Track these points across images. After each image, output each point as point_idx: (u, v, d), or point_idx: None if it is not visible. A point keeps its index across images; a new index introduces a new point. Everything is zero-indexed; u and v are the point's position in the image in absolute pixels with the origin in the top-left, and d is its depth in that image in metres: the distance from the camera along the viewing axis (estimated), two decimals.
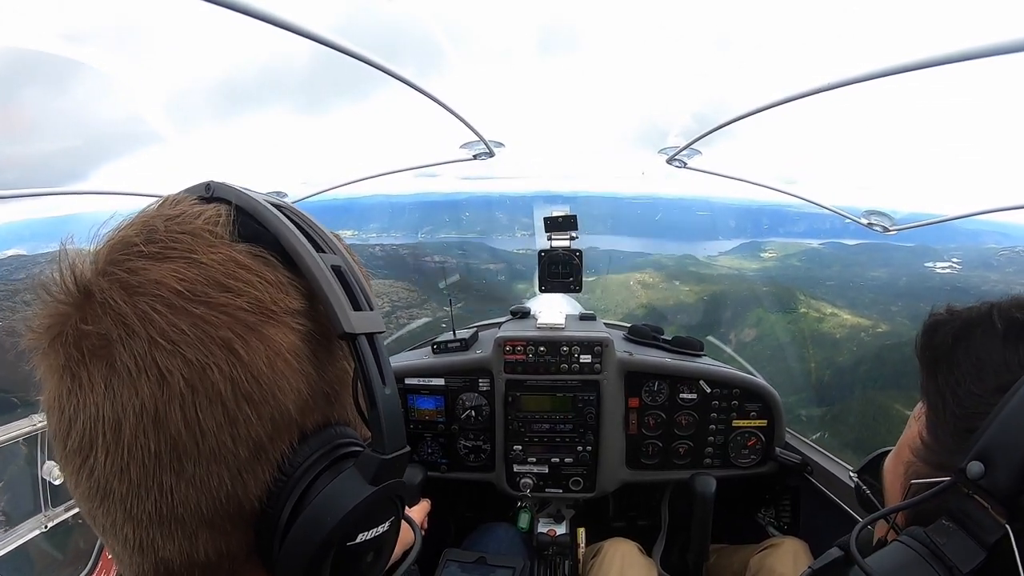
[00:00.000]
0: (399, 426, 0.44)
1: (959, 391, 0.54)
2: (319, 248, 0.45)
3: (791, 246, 10.52)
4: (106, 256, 0.40)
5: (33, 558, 1.85)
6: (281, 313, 0.41)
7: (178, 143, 1.77)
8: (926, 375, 0.58)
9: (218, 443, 0.38)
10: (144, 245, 0.39)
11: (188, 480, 0.38)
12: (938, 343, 0.58)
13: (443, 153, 2.33)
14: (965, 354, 0.55)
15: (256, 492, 0.41)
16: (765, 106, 1.63)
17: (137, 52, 1.38)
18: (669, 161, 2.26)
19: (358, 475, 0.42)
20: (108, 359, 0.37)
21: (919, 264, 7.95)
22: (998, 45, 1.05)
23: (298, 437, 0.42)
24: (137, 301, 0.37)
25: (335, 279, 0.43)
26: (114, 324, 0.37)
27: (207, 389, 0.37)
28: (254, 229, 0.43)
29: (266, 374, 0.39)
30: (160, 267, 0.38)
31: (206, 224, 0.41)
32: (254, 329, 0.39)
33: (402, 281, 9.25)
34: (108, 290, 0.38)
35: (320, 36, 1.19)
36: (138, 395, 0.37)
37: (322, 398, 0.44)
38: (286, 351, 0.41)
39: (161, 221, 0.41)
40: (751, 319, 8.82)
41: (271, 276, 0.41)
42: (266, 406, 0.39)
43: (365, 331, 0.43)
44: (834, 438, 5.35)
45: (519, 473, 1.97)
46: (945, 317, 0.59)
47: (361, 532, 0.43)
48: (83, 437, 0.38)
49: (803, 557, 1.67)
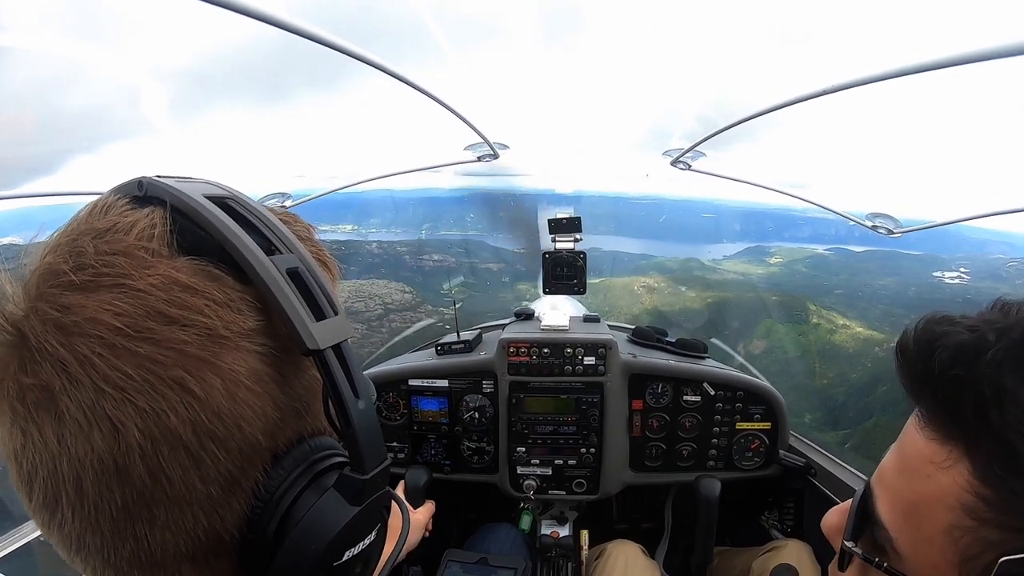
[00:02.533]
0: (377, 440, 0.41)
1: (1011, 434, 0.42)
2: (271, 248, 0.41)
3: (797, 251, 10.36)
4: (35, 289, 0.36)
5: (32, 558, 1.85)
6: (235, 337, 0.37)
7: (171, 137, 1.74)
8: (972, 414, 0.45)
9: (187, 487, 0.36)
10: (73, 273, 0.35)
11: (162, 525, 0.36)
12: (983, 374, 0.44)
13: (447, 154, 2.34)
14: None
15: (234, 523, 0.39)
16: (769, 108, 1.63)
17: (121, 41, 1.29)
18: (674, 163, 2.26)
19: (340, 497, 0.40)
20: (55, 411, 0.34)
21: (927, 274, 7.82)
22: (1006, 47, 1.05)
23: (271, 460, 0.40)
24: (75, 343, 0.34)
25: (291, 287, 0.39)
26: (55, 372, 0.34)
27: (166, 436, 0.34)
28: (195, 235, 0.38)
29: (227, 407, 0.36)
30: (94, 300, 0.34)
31: (139, 239, 0.37)
32: (207, 362, 0.36)
33: (398, 281, 9.05)
34: (42, 333, 0.34)
35: (323, 37, 1.20)
36: (93, 449, 0.34)
37: (292, 415, 0.41)
38: (245, 378, 0.37)
39: (89, 240, 0.36)
40: (760, 330, 8.60)
41: (219, 295, 0.37)
42: (232, 440, 0.37)
43: (331, 343, 0.39)
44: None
45: (522, 475, 1.97)
46: (967, 336, 0.47)
47: (348, 550, 0.41)
48: (46, 493, 0.36)
49: (807, 560, 1.66)
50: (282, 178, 2.37)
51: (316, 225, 0.50)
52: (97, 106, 1.45)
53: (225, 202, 0.41)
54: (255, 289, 0.39)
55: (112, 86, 1.40)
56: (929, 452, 0.49)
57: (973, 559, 0.46)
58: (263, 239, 0.41)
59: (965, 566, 0.46)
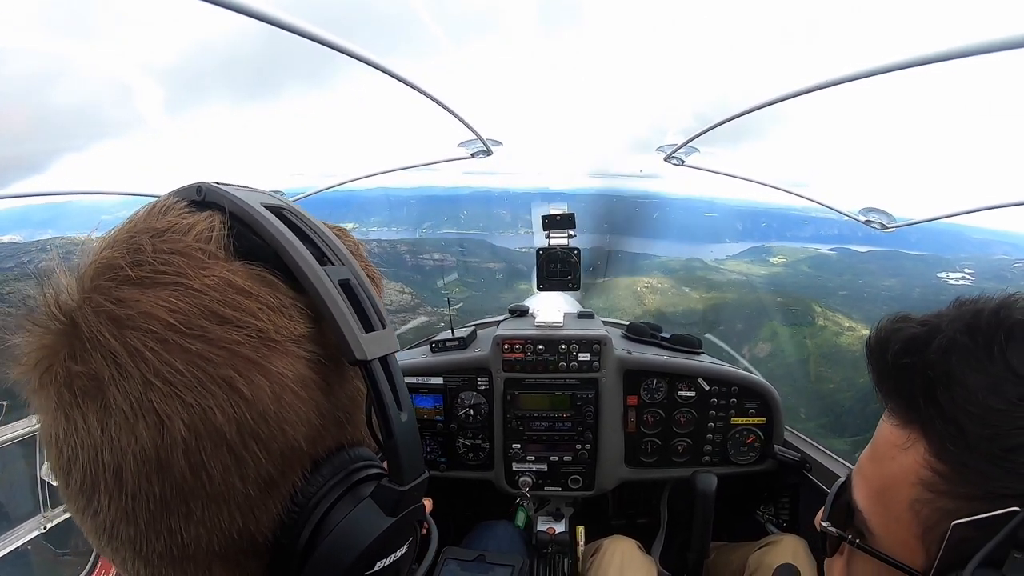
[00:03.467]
0: (417, 453, 0.42)
1: (975, 410, 0.48)
2: (324, 260, 0.41)
3: (800, 251, 10.29)
4: (91, 281, 0.37)
5: (32, 559, 1.84)
6: (286, 341, 0.38)
7: (170, 136, 1.73)
8: (922, 399, 0.51)
9: (226, 485, 0.36)
10: (130, 268, 0.36)
11: (197, 521, 0.37)
12: (930, 360, 0.51)
13: (441, 151, 2.33)
14: (969, 368, 0.49)
15: (269, 525, 0.39)
16: (763, 104, 1.63)
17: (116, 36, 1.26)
18: (667, 159, 2.26)
19: (376, 507, 0.40)
20: (102, 400, 0.35)
21: (931, 274, 7.79)
22: (1000, 41, 1.05)
23: (310, 466, 0.40)
24: (127, 336, 0.34)
25: (343, 298, 0.39)
26: (105, 362, 0.34)
27: (210, 433, 0.35)
28: (251, 241, 0.39)
29: (273, 410, 0.37)
30: (149, 295, 0.35)
31: (197, 241, 0.38)
32: (257, 363, 0.36)
33: (397, 282, 8.93)
34: (95, 323, 0.35)
35: (317, 35, 1.19)
36: (137, 440, 0.34)
37: (333, 423, 0.42)
38: (292, 382, 0.38)
39: (148, 238, 0.38)
40: (765, 332, 8.50)
41: (272, 299, 0.38)
42: (275, 442, 0.37)
43: (378, 355, 0.40)
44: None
45: (518, 471, 1.97)
46: (919, 330, 0.53)
47: (379, 560, 0.41)
48: (84, 480, 0.36)
49: (802, 554, 1.67)
50: (276, 175, 2.37)
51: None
52: (82, 104, 1.42)
53: (281, 212, 0.42)
54: (307, 297, 0.40)
55: (98, 84, 1.38)
56: (893, 437, 0.54)
57: (932, 528, 0.51)
58: (317, 250, 0.42)
59: (927, 537, 0.51)
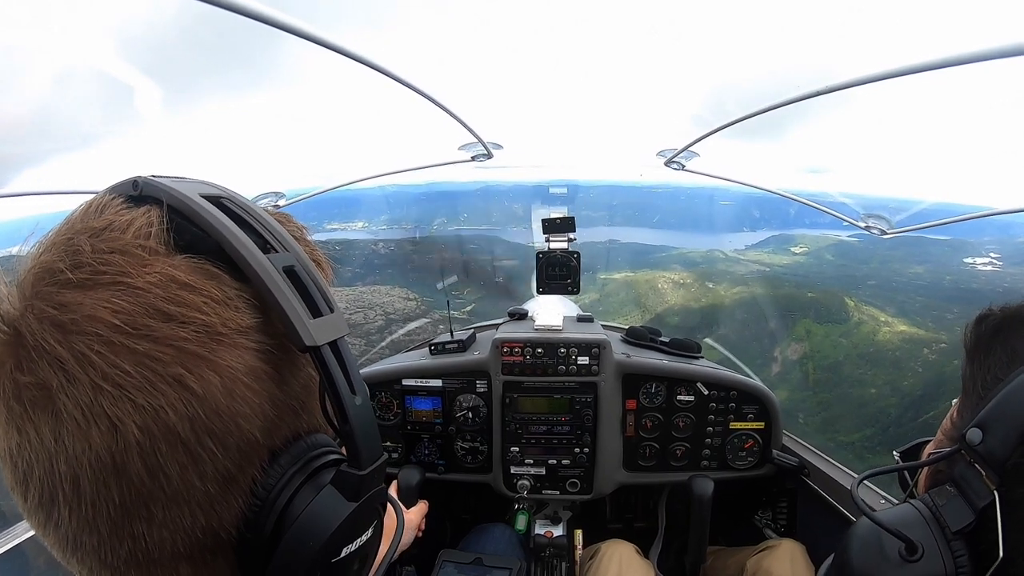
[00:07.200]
0: (374, 436, 0.42)
1: (988, 377, 0.58)
2: (267, 247, 0.41)
3: (821, 239, 9.56)
4: (31, 288, 0.36)
5: (30, 558, 1.84)
6: (233, 334, 0.37)
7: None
8: (967, 362, 0.62)
9: (185, 484, 0.36)
10: (70, 271, 0.35)
11: (160, 523, 0.36)
12: (981, 333, 0.61)
13: (441, 154, 2.33)
14: (1002, 344, 0.58)
15: (232, 521, 0.39)
16: (762, 109, 1.63)
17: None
18: (667, 163, 2.26)
19: (337, 493, 0.40)
20: (52, 409, 0.34)
21: (958, 260, 7.44)
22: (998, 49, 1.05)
23: (268, 458, 0.40)
24: (73, 341, 0.33)
25: (288, 285, 0.39)
26: (52, 370, 0.33)
27: (164, 433, 0.34)
28: (192, 234, 0.38)
29: (225, 404, 0.36)
30: (92, 298, 0.34)
31: (136, 237, 0.37)
32: (206, 358, 0.36)
33: (400, 288, 8.48)
34: (39, 331, 0.34)
35: (322, 36, 1.19)
36: (91, 447, 0.34)
37: (288, 412, 0.41)
38: (243, 375, 0.37)
39: (86, 238, 0.36)
40: (798, 331, 7.94)
41: (217, 292, 0.37)
42: (230, 437, 0.37)
43: (328, 340, 0.40)
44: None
45: (516, 475, 1.97)
46: (993, 311, 0.63)
47: (346, 546, 0.41)
48: (42, 493, 0.36)
49: (800, 559, 1.67)
50: (276, 177, 2.36)
51: (316, 224, 0.49)
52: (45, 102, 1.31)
53: (221, 201, 0.41)
54: (252, 287, 0.39)
55: (57, 77, 1.28)
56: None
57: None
58: (259, 238, 0.41)
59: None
